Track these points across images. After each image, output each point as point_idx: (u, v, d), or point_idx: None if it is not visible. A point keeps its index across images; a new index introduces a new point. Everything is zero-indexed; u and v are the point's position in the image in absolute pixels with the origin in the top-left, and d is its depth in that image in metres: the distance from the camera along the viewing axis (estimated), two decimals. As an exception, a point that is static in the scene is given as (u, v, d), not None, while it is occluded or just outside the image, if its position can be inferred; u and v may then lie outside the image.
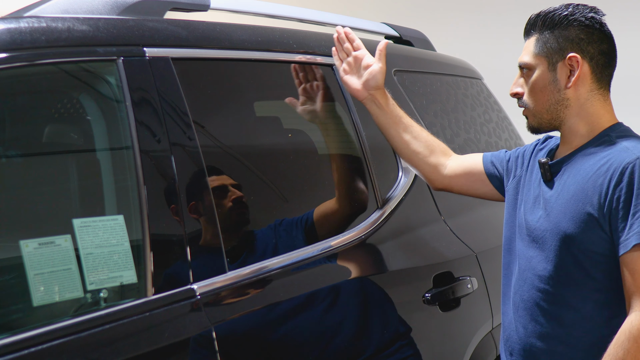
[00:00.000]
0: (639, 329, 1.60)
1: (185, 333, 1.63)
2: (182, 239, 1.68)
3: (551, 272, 1.76)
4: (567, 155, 1.81)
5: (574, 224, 1.71)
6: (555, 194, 1.78)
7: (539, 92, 1.81)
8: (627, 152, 1.69)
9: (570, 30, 1.77)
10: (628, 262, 1.64)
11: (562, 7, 1.81)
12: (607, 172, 1.69)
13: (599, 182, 1.69)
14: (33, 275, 1.45)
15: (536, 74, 1.80)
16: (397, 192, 2.26)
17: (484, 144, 2.82)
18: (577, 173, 1.75)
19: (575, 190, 1.74)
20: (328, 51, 2.22)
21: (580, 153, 1.78)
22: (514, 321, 1.86)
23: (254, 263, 1.82)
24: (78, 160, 1.79)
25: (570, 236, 1.72)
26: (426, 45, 2.97)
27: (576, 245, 1.71)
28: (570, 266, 1.73)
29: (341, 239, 2.05)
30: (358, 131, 2.22)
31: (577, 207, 1.72)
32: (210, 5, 2.10)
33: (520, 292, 1.84)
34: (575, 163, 1.78)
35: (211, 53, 1.93)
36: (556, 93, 1.79)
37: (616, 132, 1.77)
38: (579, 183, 1.73)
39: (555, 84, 1.79)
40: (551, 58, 1.79)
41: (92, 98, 1.76)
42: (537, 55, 1.80)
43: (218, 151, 1.92)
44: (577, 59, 1.76)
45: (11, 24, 1.56)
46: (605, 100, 1.81)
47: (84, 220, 1.56)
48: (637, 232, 1.62)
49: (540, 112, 1.82)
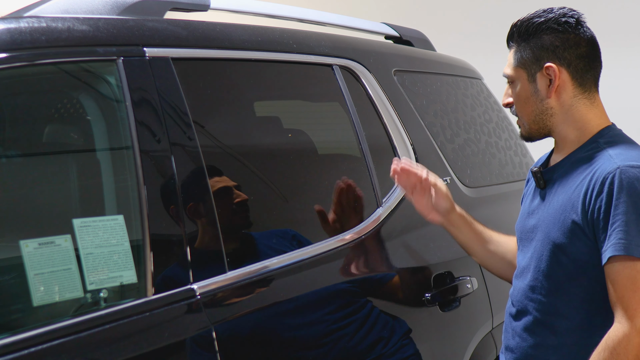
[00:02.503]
0: (614, 340, 1.59)
1: (185, 333, 1.63)
2: (182, 239, 1.68)
3: (542, 281, 1.75)
4: (558, 163, 1.80)
5: (562, 233, 1.71)
6: (547, 203, 1.78)
7: (523, 104, 1.80)
8: (609, 161, 1.67)
9: (544, 39, 1.75)
10: (608, 273, 1.63)
11: (536, 14, 1.79)
12: (590, 181, 1.67)
13: (582, 191, 1.68)
14: (33, 275, 1.45)
15: (519, 86, 1.80)
16: (397, 192, 2.26)
17: (484, 144, 2.82)
18: (566, 182, 1.75)
19: (563, 199, 1.73)
20: (328, 51, 2.21)
21: (569, 161, 1.77)
22: (510, 329, 1.86)
23: (254, 263, 1.83)
24: (78, 160, 1.79)
25: (560, 245, 1.71)
26: (426, 45, 2.97)
27: (565, 255, 1.71)
28: (560, 276, 1.72)
29: (341, 238, 2.05)
30: (358, 131, 2.22)
31: (564, 216, 1.71)
32: (210, 5, 2.10)
33: (514, 300, 1.85)
34: (564, 171, 1.77)
35: (211, 53, 1.93)
36: (539, 103, 1.78)
37: (605, 137, 1.75)
38: (566, 192, 1.73)
39: (537, 95, 1.78)
40: (529, 69, 1.77)
41: (92, 98, 1.76)
42: (517, 68, 1.80)
43: (218, 151, 1.92)
44: (553, 68, 1.74)
45: (11, 24, 1.56)
46: (593, 104, 1.78)
47: (84, 220, 1.56)
48: (613, 244, 1.61)
49: (528, 123, 1.82)
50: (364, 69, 2.35)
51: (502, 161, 2.89)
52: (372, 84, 2.35)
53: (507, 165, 2.92)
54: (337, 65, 2.26)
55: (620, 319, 1.60)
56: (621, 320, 1.60)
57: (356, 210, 2.15)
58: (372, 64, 2.39)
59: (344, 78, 2.27)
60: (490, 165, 2.79)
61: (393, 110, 2.37)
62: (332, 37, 2.35)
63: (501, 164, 2.88)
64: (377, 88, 2.36)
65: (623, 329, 1.59)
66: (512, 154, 2.99)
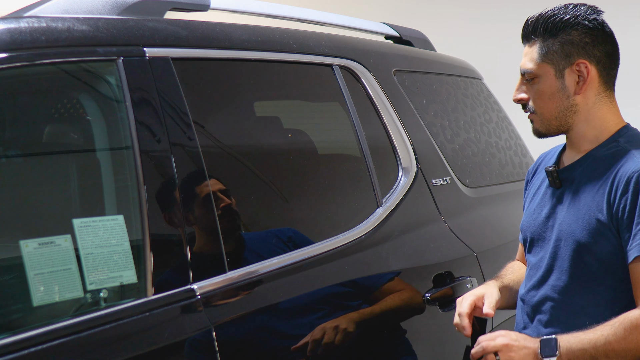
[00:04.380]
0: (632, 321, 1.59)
1: (185, 333, 1.63)
2: (182, 239, 1.68)
3: (566, 281, 1.73)
4: (577, 162, 1.78)
5: (588, 232, 1.69)
6: (566, 203, 1.76)
7: (547, 100, 1.75)
8: (633, 161, 1.67)
9: (574, 35, 1.73)
10: (632, 272, 1.64)
11: (561, 9, 1.76)
12: (614, 180, 1.67)
13: (607, 190, 1.68)
14: (33, 275, 1.45)
15: (543, 82, 1.75)
16: (397, 192, 2.26)
17: (484, 144, 2.82)
18: (587, 181, 1.73)
19: (586, 198, 1.72)
20: (328, 51, 2.21)
21: (589, 159, 1.76)
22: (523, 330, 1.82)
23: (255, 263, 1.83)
24: (78, 160, 1.79)
25: (585, 245, 1.70)
26: (426, 45, 2.97)
27: (590, 254, 1.69)
28: (584, 275, 1.70)
29: (341, 238, 2.05)
30: (358, 131, 2.22)
31: (589, 215, 1.70)
32: (210, 5, 2.10)
33: (528, 300, 1.82)
34: (584, 170, 1.75)
35: (211, 53, 1.93)
36: (565, 100, 1.74)
37: (624, 137, 1.75)
38: (589, 191, 1.72)
39: (564, 91, 1.74)
40: (558, 65, 1.73)
41: (92, 98, 1.76)
42: (542, 63, 1.75)
43: (218, 151, 1.92)
44: (585, 64, 1.72)
45: (11, 24, 1.56)
46: (611, 102, 1.78)
47: (84, 220, 1.56)
48: (639, 244, 1.61)
49: (548, 119, 1.77)
50: (364, 69, 2.35)
51: (502, 161, 2.89)
52: (372, 84, 2.35)
53: (507, 165, 2.92)
54: (337, 65, 2.26)
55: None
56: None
57: (356, 211, 2.15)
58: (372, 64, 2.39)
59: (344, 78, 2.27)
60: (490, 165, 2.79)
61: (393, 110, 2.37)
62: (332, 37, 2.35)
63: (501, 164, 2.88)
64: (377, 88, 2.36)
65: None
66: (512, 154, 2.99)
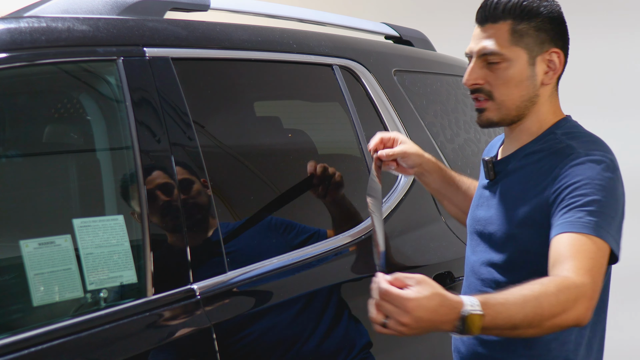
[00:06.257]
0: (566, 283, 1.41)
1: (185, 333, 1.63)
2: (182, 239, 1.68)
3: (496, 275, 1.64)
4: (512, 155, 1.69)
5: (517, 225, 1.61)
6: (499, 195, 1.68)
7: (513, 87, 1.62)
8: (565, 153, 1.58)
9: (545, 23, 1.61)
10: (553, 246, 1.49)
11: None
12: (547, 173, 1.58)
13: (539, 182, 1.58)
14: (33, 275, 1.45)
15: (513, 67, 1.61)
16: (397, 192, 2.26)
17: (484, 144, 2.82)
18: (521, 175, 1.65)
19: (517, 192, 1.63)
20: (328, 51, 2.21)
21: (523, 153, 1.67)
22: None
23: (255, 262, 1.83)
24: (78, 160, 1.79)
25: (514, 237, 1.61)
26: (426, 45, 2.97)
27: (526, 247, 1.60)
28: (524, 271, 1.59)
29: (341, 238, 2.05)
30: (358, 131, 2.22)
31: (522, 208, 1.60)
32: (210, 5, 2.10)
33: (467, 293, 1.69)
34: (519, 162, 1.67)
35: (211, 53, 1.93)
36: (531, 89, 1.63)
37: (562, 129, 1.66)
38: (521, 185, 1.63)
39: (532, 80, 1.63)
40: (531, 51, 1.61)
41: (92, 98, 1.76)
42: (515, 47, 1.61)
43: (218, 151, 1.92)
44: (558, 54, 1.63)
45: (11, 24, 1.56)
46: (557, 97, 1.70)
47: (84, 220, 1.56)
48: (562, 223, 1.49)
49: (508, 108, 1.64)
50: (364, 69, 2.35)
51: (502, 161, 2.89)
52: (372, 84, 2.35)
53: (507, 165, 2.92)
54: (337, 65, 2.26)
55: None
56: None
57: (356, 211, 2.15)
58: (372, 64, 2.39)
59: (344, 78, 2.27)
60: (490, 165, 2.79)
61: (393, 110, 2.38)
62: (332, 37, 2.35)
63: (501, 164, 2.88)
64: (377, 88, 2.36)
65: (582, 280, 1.41)
66: (512, 154, 2.99)
